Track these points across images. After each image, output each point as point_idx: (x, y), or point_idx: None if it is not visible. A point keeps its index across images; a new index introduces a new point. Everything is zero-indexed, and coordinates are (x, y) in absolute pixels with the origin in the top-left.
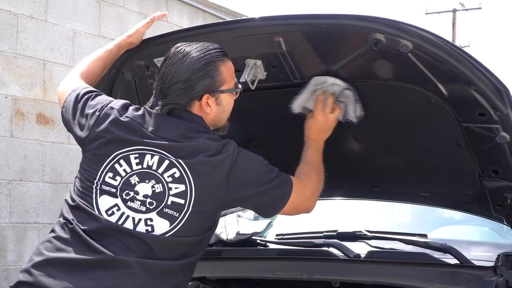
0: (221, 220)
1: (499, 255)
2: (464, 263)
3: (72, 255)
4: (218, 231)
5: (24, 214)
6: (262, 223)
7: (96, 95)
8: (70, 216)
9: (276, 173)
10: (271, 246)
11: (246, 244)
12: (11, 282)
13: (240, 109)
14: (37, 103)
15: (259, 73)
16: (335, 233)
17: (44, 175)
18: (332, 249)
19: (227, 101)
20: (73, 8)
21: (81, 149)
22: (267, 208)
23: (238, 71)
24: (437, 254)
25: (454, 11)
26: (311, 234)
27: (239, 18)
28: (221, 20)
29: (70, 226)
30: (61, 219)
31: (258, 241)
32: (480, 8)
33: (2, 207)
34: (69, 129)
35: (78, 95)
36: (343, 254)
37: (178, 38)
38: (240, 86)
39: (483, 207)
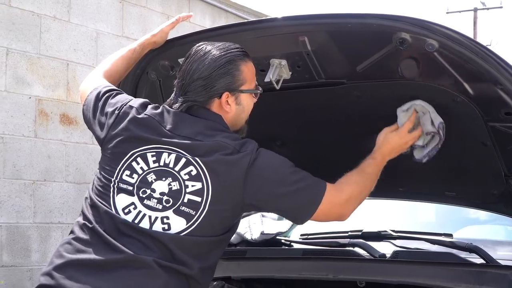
0: (246, 220)
1: None
2: (490, 262)
3: (93, 256)
4: (242, 231)
5: (48, 214)
6: (287, 223)
7: (117, 94)
8: (89, 216)
9: (302, 175)
10: (295, 246)
11: (270, 244)
12: (35, 282)
13: (265, 109)
14: (61, 104)
15: (284, 72)
16: (360, 233)
17: (68, 175)
18: (357, 249)
19: (247, 101)
20: (96, 8)
21: (100, 148)
22: (295, 212)
23: (263, 71)
24: (463, 254)
25: (475, 10)
26: (336, 234)
27: (263, 18)
28: (243, 20)
29: (90, 226)
30: (80, 219)
31: (282, 241)
32: (501, 7)
33: (26, 208)
34: (89, 127)
35: (99, 93)
36: (368, 254)
37: (202, 38)
38: (260, 88)
39: (509, 207)
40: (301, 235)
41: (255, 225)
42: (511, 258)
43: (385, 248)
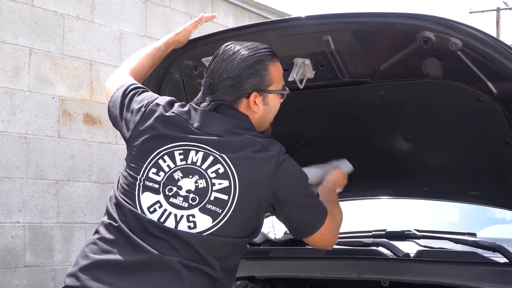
0: (269, 219)
1: None
2: None
3: (119, 256)
4: (266, 230)
5: (71, 214)
6: None
7: (143, 91)
8: (114, 215)
9: (315, 194)
10: None
11: (294, 243)
12: (58, 282)
13: (288, 108)
14: (84, 104)
15: (308, 72)
16: (383, 232)
17: (92, 175)
18: (381, 248)
19: (274, 102)
20: (120, 8)
21: (126, 146)
22: (302, 226)
23: (286, 70)
24: (486, 253)
25: (498, 10)
26: (360, 233)
27: (286, 17)
28: (266, 20)
29: (115, 225)
30: (105, 218)
31: None
32: None
33: (50, 207)
34: (115, 124)
35: (125, 90)
36: (392, 254)
37: (225, 38)
38: (287, 89)
39: None
40: None
41: (278, 225)
42: None
43: (409, 248)
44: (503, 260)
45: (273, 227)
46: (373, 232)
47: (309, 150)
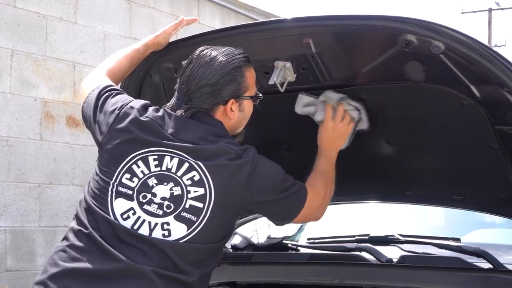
0: (252, 223)
1: None
2: (498, 267)
3: (89, 265)
4: (249, 235)
5: (53, 218)
6: (294, 226)
7: (117, 93)
8: (85, 221)
9: (292, 181)
10: (302, 250)
11: (277, 248)
12: None
13: (270, 112)
14: (67, 106)
15: (289, 75)
16: (367, 237)
17: (74, 178)
18: (364, 254)
19: (248, 107)
20: (104, 9)
21: (98, 148)
22: (282, 216)
23: (268, 74)
24: (470, 259)
25: (490, 10)
26: (343, 238)
27: (267, 20)
28: (253, 21)
29: (86, 232)
30: (74, 224)
31: (289, 245)
32: None
33: (31, 211)
34: (88, 126)
35: (100, 92)
36: (375, 259)
37: (207, 40)
38: (261, 94)
39: None
40: (308, 239)
41: (261, 229)
42: None
43: (392, 253)
44: (487, 265)
45: (256, 232)
46: (357, 237)
47: (291, 154)
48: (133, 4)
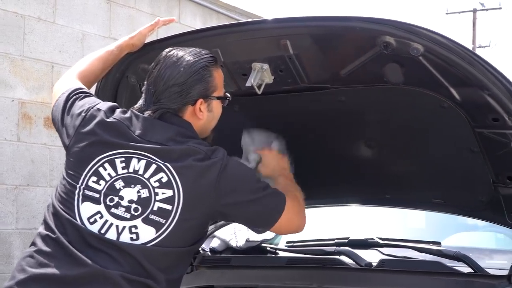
0: (231, 226)
1: None
2: (478, 272)
3: (57, 270)
4: (227, 238)
5: (31, 220)
6: None
7: (85, 96)
8: (52, 226)
9: (266, 184)
10: (281, 253)
11: (255, 251)
12: None
13: (247, 115)
14: (45, 107)
15: (266, 77)
16: (346, 241)
17: (52, 180)
18: (343, 257)
19: (217, 109)
20: (83, 9)
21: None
22: (260, 220)
23: (245, 75)
24: (450, 263)
25: (475, 11)
26: (322, 241)
27: (245, 21)
28: (231, 22)
29: (53, 237)
30: (42, 229)
31: (268, 248)
32: (500, 8)
33: (8, 213)
34: (57, 129)
35: (69, 95)
36: (354, 263)
37: (183, 41)
38: (229, 95)
39: (498, 214)
40: (287, 242)
41: (240, 232)
42: (500, 267)
43: (372, 257)
44: (467, 269)
45: (235, 235)
46: (336, 241)
47: None
48: (113, 4)
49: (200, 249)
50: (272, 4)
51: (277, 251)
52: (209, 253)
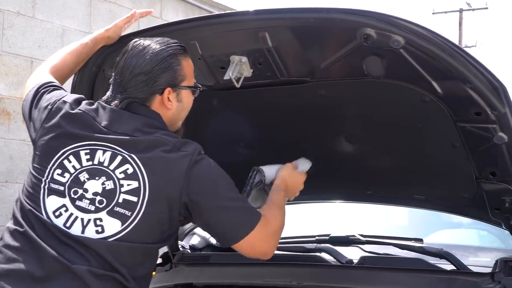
0: None
1: (497, 261)
2: (461, 269)
3: (24, 265)
4: (207, 235)
5: (9, 217)
6: None
7: (54, 89)
8: (20, 220)
9: (241, 197)
10: None
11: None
12: None
13: (226, 108)
14: None
15: (245, 70)
16: (327, 238)
17: None
18: (323, 254)
19: (187, 99)
20: (63, 4)
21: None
22: (225, 232)
23: (223, 69)
24: (433, 260)
25: (461, 11)
26: (303, 238)
27: (222, 13)
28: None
29: (21, 231)
30: (10, 224)
31: None
32: (486, 8)
33: None
34: (26, 124)
35: (38, 88)
36: (335, 260)
37: (160, 34)
38: (200, 85)
39: (481, 211)
40: None
41: None
42: (483, 265)
43: (353, 254)
44: (449, 267)
45: None
46: (317, 237)
47: (249, 152)
48: None
49: (179, 246)
50: (255, 0)
51: None
52: (189, 251)
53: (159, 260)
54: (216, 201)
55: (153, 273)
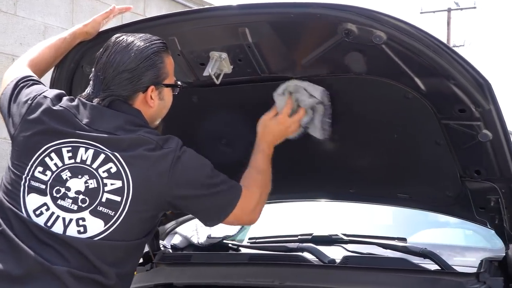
0: (193, 222)
1: (482, 261)
2: (445, 269)
3: (2, 265)
4: (189, 234)
5: None
6: (235, 226)
7: (33, 84)
8: None
9: (222, 178)
10: (243, 250)
11: (217, 248)
12: None
13: (207, 106)
14: None
15: (225, 66)
16: (310, 237)
17: None
18: (306, 254)
19: (168, 97)
20: (45, 1)
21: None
22: (210, 215)
23: (203, 65)
24: (416, 260)
25: (449, 10)
26: (286, 238)
27: (201, 8)
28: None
29: None
30: None
31: (229, 245)
32: (474, 8)
33: None
34: (4, 119)
35: (16, 83)
36: (317, 259)
37: (139, 29)
38: (180, 83)
39: (466, 210)
40: (249, 239)
41: (202, 228)
42: (468, 265)
43: (336, 253)
44: (434, 267)
45: (197, 231)
46: (299, 237)
47: (231, 149)
48: None
49: (161, 245)
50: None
51: (239, 247)
52: (170, 250)
53: (140, 260)
54: (201, 191)
55: (134, 272)
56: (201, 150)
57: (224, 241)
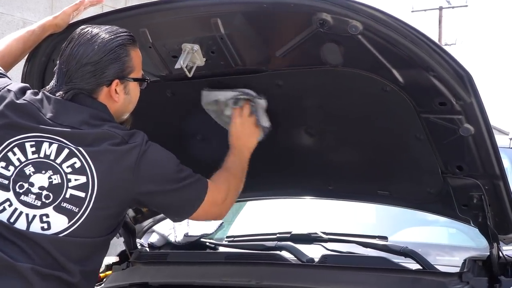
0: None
1: (465, 260)
2: (427, 268)
3: None
4: (166, 232)
5: None
6: (213, 224)
7: None
8: None
9: (188, 173)
10: (220, 249)
11: (194, 247)
12: None
13: (180, 100)
14: None
15: (197, 59)
16: (288, 235)
17: None
18: (284, 253)
19: (135, 91)
20: None
21: None
22: (178, 210)
23: (175, 57)
24: (397, 259)
25: (440, 8)
26: (264, 236)
27: None
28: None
29: None
30: None
31: (207, 243)
32: (466, 6)
33: None
34: None
35: None
36: (295, 258)
37: (109, 21)
38: (147, 77)
39: (448, 207)
40: (227, 237)
41: (180, 226)
42: (451, 264)
43: (314, 252)
44: (415, 266)
45: (174, 229)
46: (278, 235)
47: (207, 145)
48: None
49: (138, 244)
50: None
51: (217, 246)
52: (147, 249)
53: (116, 259)
54: (168, 185)
55: (110, 272)
56: (176, 146)
57: (202, 239)
